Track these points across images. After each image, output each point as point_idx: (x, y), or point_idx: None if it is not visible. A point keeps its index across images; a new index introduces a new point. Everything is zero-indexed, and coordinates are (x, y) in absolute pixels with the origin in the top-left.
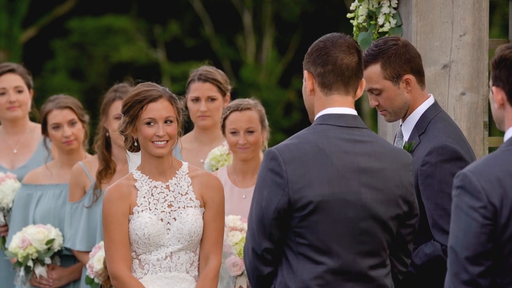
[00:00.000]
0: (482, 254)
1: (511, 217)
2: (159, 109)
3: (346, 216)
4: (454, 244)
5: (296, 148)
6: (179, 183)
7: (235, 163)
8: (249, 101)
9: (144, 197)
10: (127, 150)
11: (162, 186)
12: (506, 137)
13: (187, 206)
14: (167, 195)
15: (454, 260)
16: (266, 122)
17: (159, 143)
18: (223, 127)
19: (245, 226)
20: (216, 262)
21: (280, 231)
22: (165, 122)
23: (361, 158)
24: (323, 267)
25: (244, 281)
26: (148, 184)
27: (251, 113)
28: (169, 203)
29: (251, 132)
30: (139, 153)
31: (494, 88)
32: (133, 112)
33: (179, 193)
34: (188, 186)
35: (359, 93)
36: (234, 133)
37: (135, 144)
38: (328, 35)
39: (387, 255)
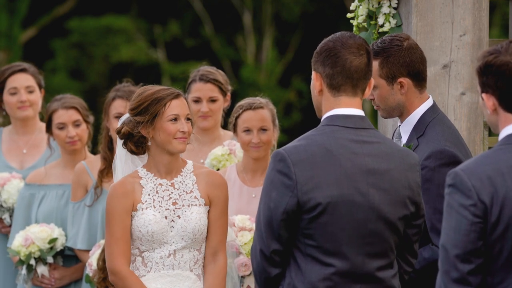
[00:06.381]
0: (472, 252)
1: (501, 215)
2: (181, 106)
3: (355, 217)
4: (445, 242)
5: (304, 149)
6: (184, 181)
7: (245, 162)
8: (261, 99)
9: (149, 194)
10: (117, 158)
11: (167, 184)
12: (500, 137)
13: (192, 205)
14: (171, 192)
15: (444, 258)
16: (277, 121)
17: (182, 139)
18: (235, 125)
19: (254, 226)
20: (225, 260)
21: (289, 232)
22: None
23: (369, 159)
24: (332, 269)
25: (252, 281)
26: (153, 181)
27: (264, 112)
28: (174, 201)
29: (264, 130)
30: (125, 160)
31: (484, 95)
32: (153, 110)
33: (184, 191)
34: (193, 184)
35: (367, 92)
36: (247, 131)
37: (149, 143)
38: (338, 34)
39: (394, 256)
